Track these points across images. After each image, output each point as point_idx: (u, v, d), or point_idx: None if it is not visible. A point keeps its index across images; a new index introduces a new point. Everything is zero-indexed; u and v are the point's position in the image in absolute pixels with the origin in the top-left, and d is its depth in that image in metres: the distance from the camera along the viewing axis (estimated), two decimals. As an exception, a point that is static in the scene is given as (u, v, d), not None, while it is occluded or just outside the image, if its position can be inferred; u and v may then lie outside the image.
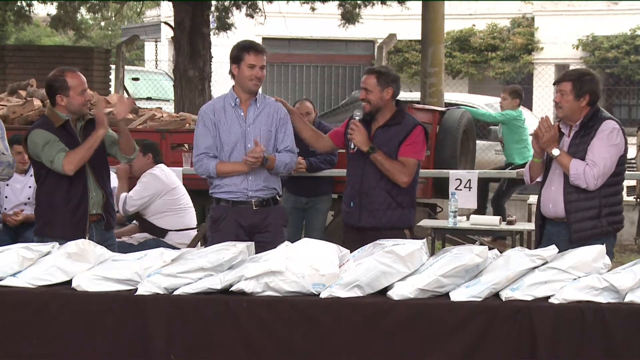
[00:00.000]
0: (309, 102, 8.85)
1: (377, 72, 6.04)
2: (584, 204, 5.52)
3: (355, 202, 6.00)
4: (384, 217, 5.94)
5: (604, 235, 5.51)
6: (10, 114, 9.86)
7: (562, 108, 5.57)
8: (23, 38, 28.47)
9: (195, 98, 13.48)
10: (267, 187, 5.91)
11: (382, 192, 5.94)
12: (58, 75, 5.87)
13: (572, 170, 5.47)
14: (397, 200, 5.96)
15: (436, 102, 12.39)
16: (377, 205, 5.94)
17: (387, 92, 5.96)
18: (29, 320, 4.67)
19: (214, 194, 5.94)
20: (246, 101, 5.89)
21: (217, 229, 5.88)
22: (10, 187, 7.78)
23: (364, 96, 6.00)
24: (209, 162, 5.83)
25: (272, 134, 5.91)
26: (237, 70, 5.85)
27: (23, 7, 16.04)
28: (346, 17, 15.31)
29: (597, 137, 5.49)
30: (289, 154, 5.96)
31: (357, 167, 6.01)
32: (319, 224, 8.76)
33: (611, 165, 5.50)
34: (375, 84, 5.96)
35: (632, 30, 22.89)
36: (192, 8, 13.53)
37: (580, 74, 5.61)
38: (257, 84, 5.86)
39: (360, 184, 5.98)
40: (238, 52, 5.84)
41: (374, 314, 4.55)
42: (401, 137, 5.95)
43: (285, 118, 5.98)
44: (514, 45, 24.03)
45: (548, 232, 5.72)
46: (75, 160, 5.76)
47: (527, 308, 4.49)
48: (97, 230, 5.93)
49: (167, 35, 22.27)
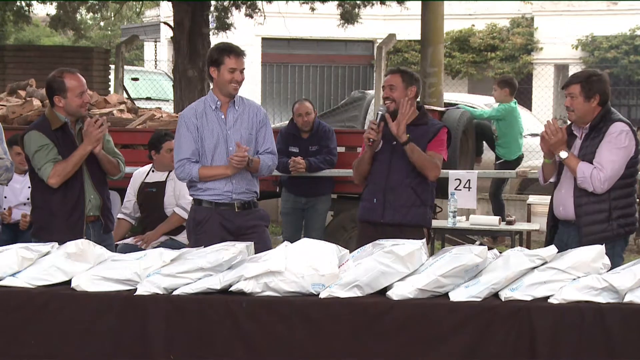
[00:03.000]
0: (308, 102, 8.85)
1: (402, 71, 6.18)
2: (594, 207, 5.49)
3: (378, 198, 6.03)
4: (408, 215, 5.99)
5: (615, 239, 5.49)
6: (9, 114, 9.86)
7: (574, 111, 5.56)
8: (22, 38, 28.47)
9: (194, 98, 13.38)
10: (249, 190, 5.92)
11: (407, 189, 6.00)
12: (57, 76, 5.87)
13: (579, 174, 5.45)
14: (421, 198, 6.03)
15: (436, 102, 12.37)
16: (402, 202, 6.00)
17: (410, 91, 6.07)
18: (28, 320, 4.67)
19: (195, 196, 5.91)
20: (225, 104, 5.87)
21: (201, 231, 5.85)
22: (9, 187, 7.77)
23: (388, 94, 6.07)
24: (192, 167, 5.79)
25: (252, 137, 5.89)
26: (216, 74, 5.80)
27: (22, 7, 16.02)
28: (345, 17, 15.30)
29: (605, 140, 5.47)
30: (270, 155, 5.96)
31: (383, 163, 6.05)
32: (319, 224, 8.76)
33: (619, 168, 5.46)
34: (400, 81, 6.06)
35: (632, 30, 22.88)
36: (191, 8, 13.51)
37: (588, 75, 5.59)
38: (237, 88, 5.83)
39: (386, 180, 6.01)
40: (218, 55, 5.79)
41: (374, 314, 4.55)
42: (429, 137, 6.04)
43: (264, 120, 5.96)
44: (514, 45, 24.02)
45: (559, 233, 5.71)
46: (61, 174, 5.76)
47: (526, 308, 4.49)
48: (95, 231, 5.92)
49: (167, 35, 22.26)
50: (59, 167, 5.77)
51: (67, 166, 5.77)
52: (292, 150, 8.60)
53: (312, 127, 8.66)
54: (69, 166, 5.77)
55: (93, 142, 5.78)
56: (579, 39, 23.34)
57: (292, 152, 8.59)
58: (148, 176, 7.74)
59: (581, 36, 23.37)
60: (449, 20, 15.06)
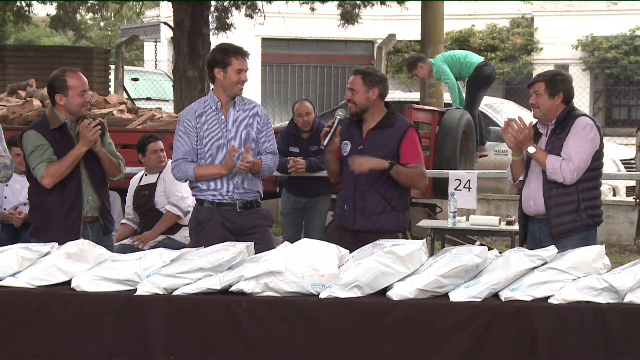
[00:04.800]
0: (308, 102, 8.84)
1: (362, 72, 6.00)
2: (563, 199, 5.66)
3: (349, 205, 5.97)
4: (378, 221, 5.91)
5: (585, 229, 5.67)
6: (9, 114, 9.88)
7: (539, 108, 5.73)
8: (22, 38, 28.47)
9: (194, 98, 13.41)
10: (251, 190, 5.92)
11: (376, 195, 5.92)
12: (59, 75, 5.86)
13: (549, 165, 5.61)
14: (391, 203, 5.94)
15: (436, 102, 12.38)
16: (371, 209, 5.91)
17: (373, 93, 5.92)
18: (28, 320, 4.67)
19: (197, 196, 5.92)
20: (226, 104, 5.86)
21: (203, 231, 5.85)
22: (9, 187, 7.77)
23: (349, 96, 5.95)
24: (187, 166, 5.80)
25: (253, 137, 5.88)
26: (221, 74, 5.79)
27: (22, 7, 16.04)
28: (345, 18, 15.31)
29: (571, 133, 5.65)
30: (271, 156, 5.95)
31: (351, 170, 5.93)
32: (319, 224, 8.75)
33: (587, 159, 5.64)
34: (361, 84, 5.93)
35: (632, 30, 22.87)
36: (191, 8, 13.52)
37: (553, 74, 5.81)
38: (242, 88, 5.84)
39: (355, 187, 5.95)
40: (224, 57, 5.78)
41: (374, 314, 4.55)
42: (397, 140, 5.90)
43: (265, 120, 5.95)
44: (514, 45, 24.01)
45: (531, 230, 5.84)
46: (54, 175, 5.75)
47: (526, 308, 4.49)
48: (93, 232, 5.90)
49: (167, 35, 22.27)
50: (52, 168, 5.76)
51: (60, 167, 5.76)
52: (292, 150, 8.60)
53: (312, 127, 8.66)
54: (62, 167, 5.76)
55: (88, 143, 5.76)
56: (579, 39, 23.34)
57: (292, 152, 8.58)
58: (142, 180, 7.94)
59: (581, 36, 23.36)
60: (449, 20, 15.07)
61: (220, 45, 5.97)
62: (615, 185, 13.47)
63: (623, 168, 13.37)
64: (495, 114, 13.88)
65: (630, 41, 22.90)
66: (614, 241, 11.87)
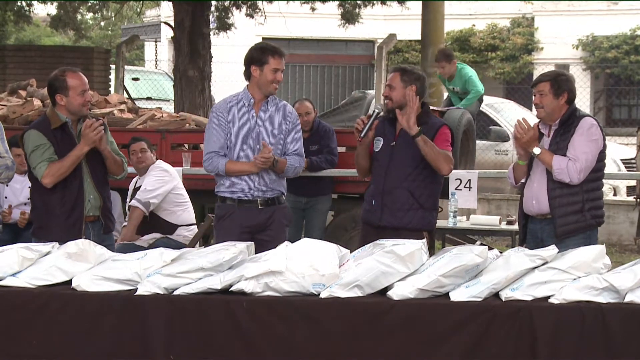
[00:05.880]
0: (308, 102, 8.85)
1: (401, 69, 6.06)
2: (568, 199, 5.65)
3: (377, 201, 5.99)
4: (404, 218, 5.92)
5: (588, 229, 5.67)
6: (10, 114, 9.86)
7: (543, 108, 5.73)
8: (23, 38, 28.47)
9: (195, 98, 13.48)
10: (273, 188, 5.94)
11: (404, 192, 5.94)
12: (59, 74, 5.86)
13: (555, 166, 5.59)
14: (419, 201, 5.96)
15: (436, 102, 12.38)
16: (399, 205, 5.93)
17: (410, 90, 5.94)
18: (29, 320, 4.67)
19: (219, 193, 5.96)
20: (258, 102, 5.92)
21: (221, 227, 5.93)
22: (10, 188, 7.77)
23: (387, 93, 6.00)
24: (219, 160, 5.85)
25: (281, 137, 5.93)
26: (258, 72, 5.85)
27: (23, 7, 16.04)
28: (346, 17, 15.32)
29: (577, 133, 5.64)
30: (297, 157, 5.98)
31: (382, 165, 6.00)
32: (319, 224, 8.76)
33: (592, 159, 5.64)
34: (399, 81, 5.97)
35: (632, 30, 22.88)
36: (192, 8, 13.52)
37: (556, 74, 5.82)
38: (277, 87, 5.91)
39: (384, 183, 5.97)
40: (262, 55, 5.85)
41: (374, 314, 4.55)
42: (430, 137, 5.92)
43: (295, 122, 6.00)
44: (514, 45, 24.02)
45: (532, 230, 5.82)
46: (55, 174, 5.74)
47: (527, 308, 4.50)
48: (95, 232, 5.90)
49: (167, 35, 22.26)
50: (53, 167, 5.76)
51: (61, 167, 5.76)
52: (292, 150, 8.60)
53: (312, 127, 8.67)
54: (63, 167, 5.76)
55: (89, 143, 5.76)
56: (579, 39, 23.35)
57: (292, 151, 8.59)
58: (137, 182, 8.03)
59: (582, 36, 23.38)
60: (449, 20, 15.07)
61: (258, 44, 6.05)
62: (615, 185, 13.48)
63: (624, 168, 13.39)
64: (495, 113, 13.88)
65: (631, 41, 22.91)
66: (615, 241, 11.88)
